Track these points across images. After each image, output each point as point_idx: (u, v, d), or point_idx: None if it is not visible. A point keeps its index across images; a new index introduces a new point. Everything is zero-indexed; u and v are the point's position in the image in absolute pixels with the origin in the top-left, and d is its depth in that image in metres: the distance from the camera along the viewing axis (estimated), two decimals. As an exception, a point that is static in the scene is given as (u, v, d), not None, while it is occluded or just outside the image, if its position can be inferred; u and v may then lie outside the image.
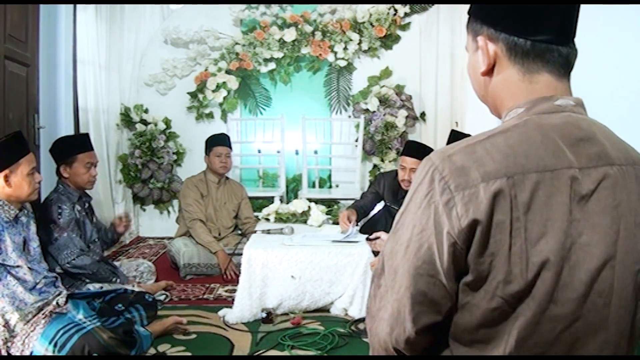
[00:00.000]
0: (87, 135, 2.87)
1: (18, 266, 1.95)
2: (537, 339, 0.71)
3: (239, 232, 3.73)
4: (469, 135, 2.70)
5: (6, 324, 1.87)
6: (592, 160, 0.73)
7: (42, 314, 1.94)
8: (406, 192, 0.97)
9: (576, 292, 0.70)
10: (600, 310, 0.72)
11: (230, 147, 3.67)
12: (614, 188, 0.73)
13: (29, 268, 2.00)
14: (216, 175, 3.63)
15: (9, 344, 1.87)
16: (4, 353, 1.85)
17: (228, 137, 3.72)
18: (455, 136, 2.86)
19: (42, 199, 2.68)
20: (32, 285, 1.99)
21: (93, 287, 2.51)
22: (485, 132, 0.76)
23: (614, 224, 0.72)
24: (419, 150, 3.19)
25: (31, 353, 1.84)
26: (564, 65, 0.79)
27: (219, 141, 3.62)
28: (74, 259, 2.49)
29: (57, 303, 2.01)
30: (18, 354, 1.85)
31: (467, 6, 0.86)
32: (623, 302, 0.73)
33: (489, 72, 0.82)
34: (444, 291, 0.73)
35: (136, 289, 2.60)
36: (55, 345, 1.84)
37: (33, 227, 2.15)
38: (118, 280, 2.67)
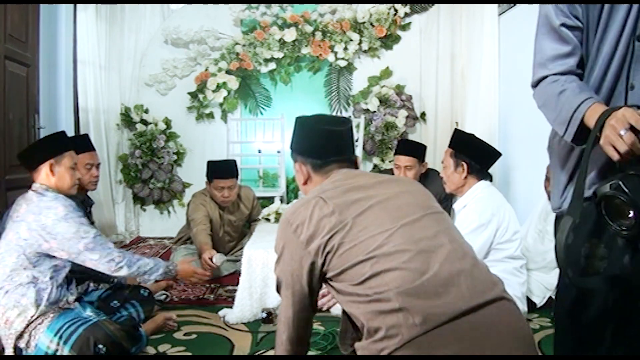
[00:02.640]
0: (86, 136, 2.85)
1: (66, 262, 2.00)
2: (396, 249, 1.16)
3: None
4: (471, 135, 2.68)
5: (22, 318, 1.87)
6: (373, 177, 1.35)
7: (52, 309, 1.95)
8: None
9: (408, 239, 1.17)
10: (433, 249, 1.15)
11: (236, 176, 3.24)
12: (392, 182, 1.33)
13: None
14: None
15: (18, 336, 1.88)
16: (11, 347, 1.86)
17: (234, 164, 3.26)
18: (459, 135, 2.82)
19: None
20: (59, 284, 2.00)
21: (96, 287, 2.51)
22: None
23: (398, 210, 1.23)
24: (411, 148, 3.18)
25: (36, 345, 1.85)
26: (348, 165, 1.42)
27: (221, 173, 3.16)
28: None
29: (66, 300, 2.02)
30: (24, 346, 1.87)
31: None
32: (440, 237, 1.18)
33: (306, 182, 1.44)
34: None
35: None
36: (60, 337, 1.84)
37: None
38: (115, 280, 2.67)
